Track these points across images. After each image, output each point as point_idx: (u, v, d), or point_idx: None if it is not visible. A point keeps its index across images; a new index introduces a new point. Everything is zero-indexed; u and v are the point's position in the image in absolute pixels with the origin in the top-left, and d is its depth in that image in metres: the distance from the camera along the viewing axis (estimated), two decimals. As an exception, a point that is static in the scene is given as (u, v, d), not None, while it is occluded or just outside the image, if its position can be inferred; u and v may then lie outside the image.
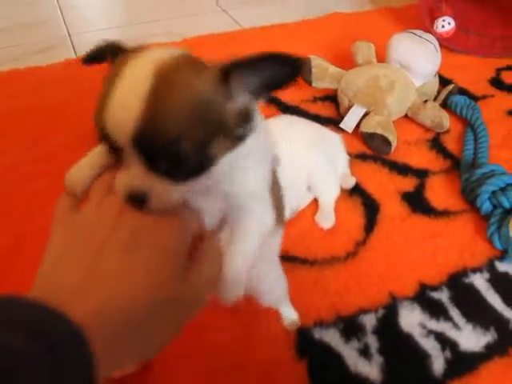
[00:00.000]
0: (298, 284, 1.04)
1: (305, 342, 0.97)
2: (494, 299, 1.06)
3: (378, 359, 0.94)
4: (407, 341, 0.97)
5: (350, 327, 0.99)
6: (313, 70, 1.61)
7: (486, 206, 1.20)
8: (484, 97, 1.70)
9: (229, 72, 0.48)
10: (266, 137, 0.60)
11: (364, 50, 1.65)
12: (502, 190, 1.19)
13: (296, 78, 0.48)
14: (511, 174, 1.23)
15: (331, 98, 1.64)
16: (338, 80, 1.58)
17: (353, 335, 0.98)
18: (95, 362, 0.39)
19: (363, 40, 1.70)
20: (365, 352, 0.95)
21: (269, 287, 0.87)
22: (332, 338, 0.97)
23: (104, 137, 0.47)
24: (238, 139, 0.52)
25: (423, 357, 0.95)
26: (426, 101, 1.54)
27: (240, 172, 0.56)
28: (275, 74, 0.48)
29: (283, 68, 0.48)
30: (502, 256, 1.14)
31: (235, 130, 0.51)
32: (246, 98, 0.50)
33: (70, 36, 2.10)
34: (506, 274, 1.11)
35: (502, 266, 1.13)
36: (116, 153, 0.49)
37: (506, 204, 1.17)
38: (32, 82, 1.72)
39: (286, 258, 1.08)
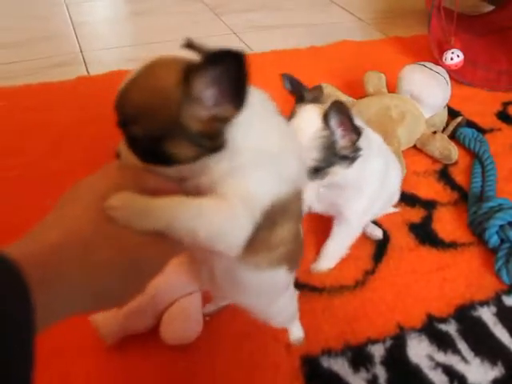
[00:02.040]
0: (306, 311, 1.04)
1: (312, 370, 0.97)
2: (502, 333, 1.06)
3: (386, 390, 0.95)
4: (415, 373, 0.98)
5: (359, 357, 1.00)
6: (324, 98, 1.63)
7: (494, 240, 1.21)
8: (491, 130, 1.72)
9: (189, 71, 0.50)
10: (267, 156, 0.57)
11: (375, 80, 1.68)
12: (510, 224, 1.21)
13: (245, 73, 0.49)
14: (519, 209, 1.24)
15: (341, 125, 1.65)
16: (348, 109, 1.60)
17: (361, 365, 0.98)
18: (31, 297, 0.41)
19: (374, 70, 1.72)
20: (373, 382, 0.95)
21: (278, 313, 0.88)
22: (341, 367, 0.97)
23: None
24: (206, 148, 0.53)
25: (431, 390, 0.95)
26: (434, 132, 1.56)
27: (233, 177, 0.55)
28: (226, 70, 0.49)
29: (229, 61, 0.48)
30: (510, 290, 1.15)
31: (199, 138, 0.52)
32: (212, 102, 0.52)
33: (81, 52, 2.12)
34: (513, 309, 1.12)
35: (510, 301, 1.13)
36: None
37: (514, 239, 1.18)
38: (44, 98, 1.74)
39: (295, 285, 1.08)
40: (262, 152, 0.56)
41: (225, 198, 0.54)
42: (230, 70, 0.49)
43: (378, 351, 1.01)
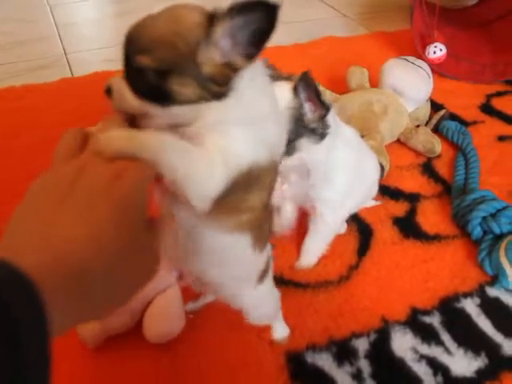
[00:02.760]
0: (290, 307, 1.04)
1: (297, 366, 0.97)
2: (485, 324, 1.07)
3: (370, 384, 0.95)
4: (399, 365, 0.98)
5: (343, 351, 1.00)
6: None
7: (477, 232, 1.22)
8: (474, 122, 1.72)
9: (213, 16, 0.51)
10: (261, 111, 0.59)
11: (357, 76, 1.68)
12: (493, 215, 1.21)
13: (271, 25, 0.50)
14: (501, 200, 1.25)
15: (325, 121, 1.65)
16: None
17: (345, 359, 0.98)
18: (45, 308, 0.39)
19: (357, 65, 1.73)
20: (358, 376, 0.96)
21: (253, 305, 0.86)
22: (325, 362, 0.98)
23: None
24: (210, 93, 0.54)
25: (415, 382, 0.96)
26: (418, 126, 1.57)
27: (219, 132, 0.56)
28: (255, 21, 0.50)
29: (261, 13, 0.50)
30: (493, 281, 1.15)
31: (208, 81, 0.53)
32: (229, 50, 0.52)
33: (66, 54, 2.11)
34: (496, 300, 1.12)
35: (493, 292, 1.14)
36: None
37: (497, 230, 1.18)
38: (28, 100, 1.73)
39: (280, 281, 1.09)
40: (254, 111, 0.57)
41: (207, 148, 0.55)
42: (254, 22, 0.50)
43: (362, 345, 1.01)
